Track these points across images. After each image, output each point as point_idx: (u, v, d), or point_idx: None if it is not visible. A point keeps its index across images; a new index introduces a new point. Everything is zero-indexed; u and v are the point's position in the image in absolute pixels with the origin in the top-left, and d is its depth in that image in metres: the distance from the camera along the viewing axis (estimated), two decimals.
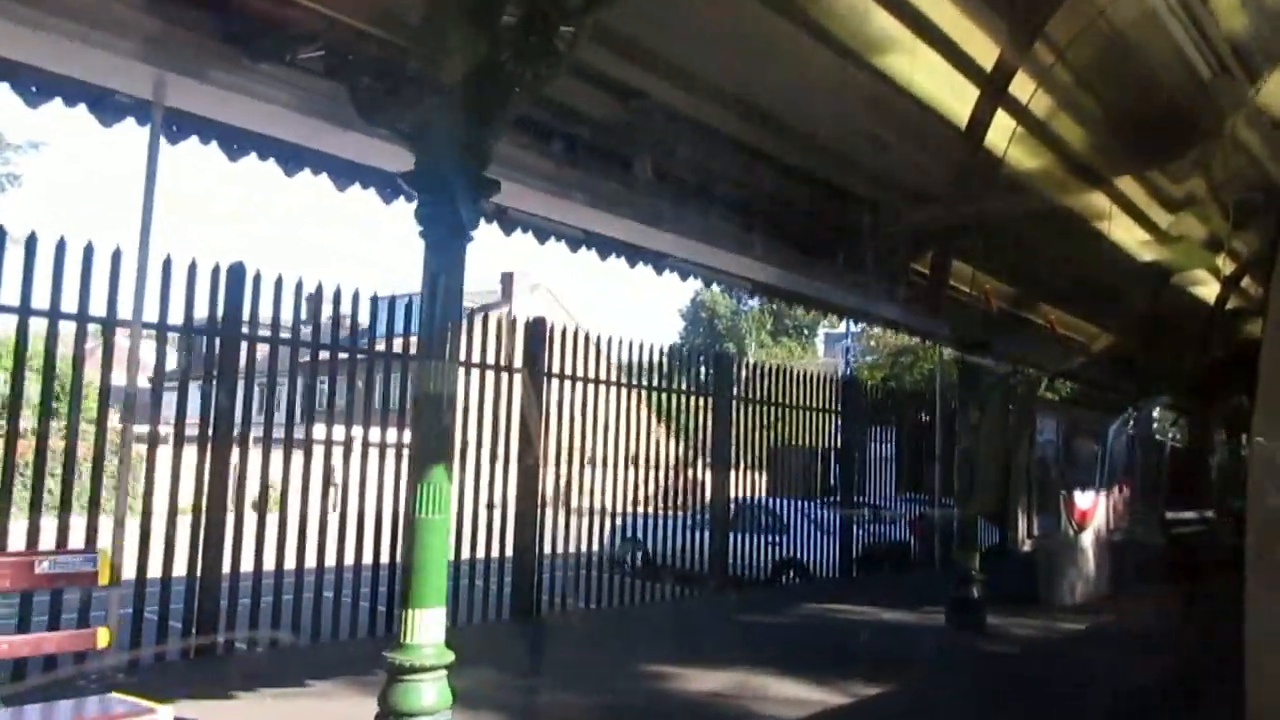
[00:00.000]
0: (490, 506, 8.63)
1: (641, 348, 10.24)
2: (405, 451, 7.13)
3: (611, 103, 6.84)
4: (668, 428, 11.50)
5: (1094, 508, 11.15)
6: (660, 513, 10.98)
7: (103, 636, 3.40)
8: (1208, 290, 12.76)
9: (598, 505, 9.82)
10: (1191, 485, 14.32)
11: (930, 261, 9.50)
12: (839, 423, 13.52)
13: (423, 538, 4.20)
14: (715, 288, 14.88)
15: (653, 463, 10.76)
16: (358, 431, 7.81)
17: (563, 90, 6.69)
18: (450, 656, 4.26)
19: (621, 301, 71.49)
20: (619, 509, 10.12)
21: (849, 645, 8.16)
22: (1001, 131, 8.25)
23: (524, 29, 4.10)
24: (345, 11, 4.73)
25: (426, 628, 4.19)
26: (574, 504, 9.72)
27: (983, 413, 13.75)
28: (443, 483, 4.24)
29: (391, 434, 7.80)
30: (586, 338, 9.76)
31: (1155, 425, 15.41)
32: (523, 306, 26.13)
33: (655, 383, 10.79)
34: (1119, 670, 7.15)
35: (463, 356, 8.61)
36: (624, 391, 10.19)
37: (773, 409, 12.37)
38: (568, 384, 9.48)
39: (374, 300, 8.13)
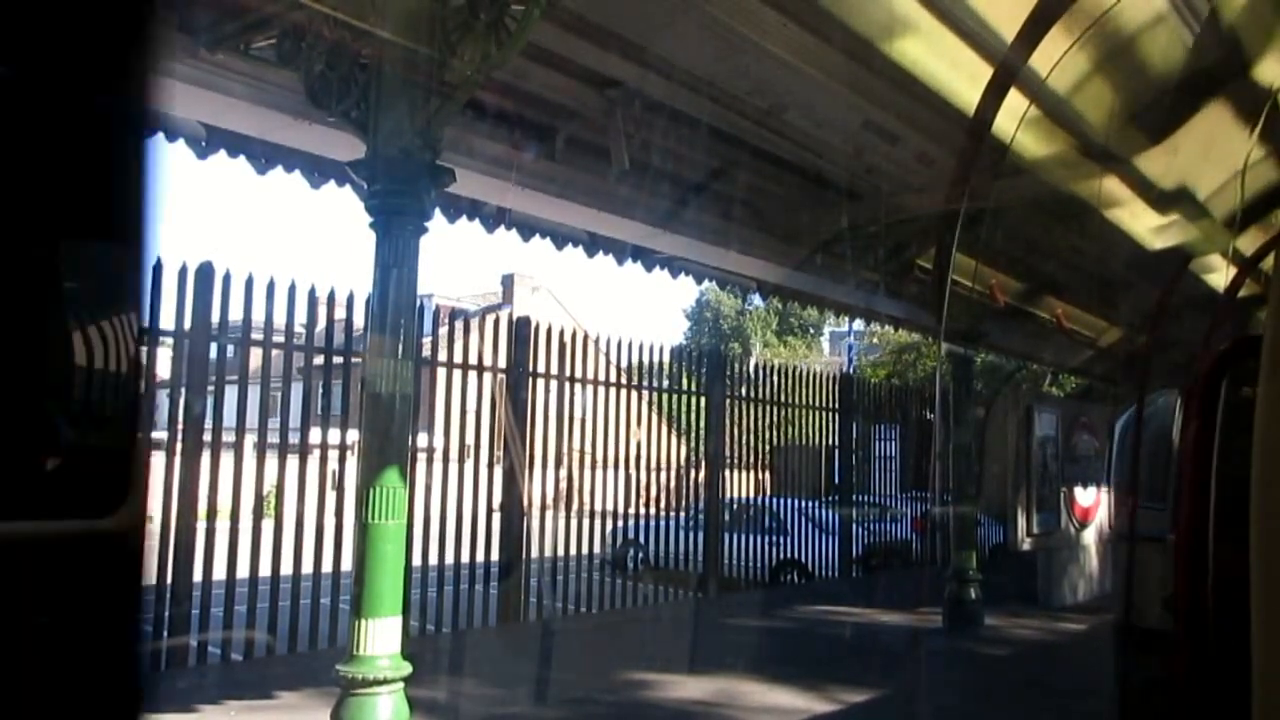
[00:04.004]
0: (476, 509, 8.42)
1: (634, 347, 10.02)
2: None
3: (601, 99, 6.64)
4: (662, 427, 11.28)
5: (1097, 504, 10.90)
6: (655, 514, 10.77)
7: None
8: (1218, 278, 12.43)
9: (590, 507, 9.61)
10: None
11: (934, 257, 9.25)
12: (839, 420, 13.30)
13: (375, 544, 4.02)
14: (715, 287, 14.68)
15: (646, 463, 10.55)
16: (335, 435, 7.63)
17: (557, 89, 6.51)
18: (407, 668, 4.08)
19: (625, 303, 71.10)
20: (612, 510, 9.90)
21: (840, 649, 7.97)
22: (1011, 115, 7.95)
23: (472, 8, 3.90)
24: None
25: (380, 638, 4.02)
26: (565, 505, 9.52)
27: (986, 409, 13.50)
28: (396, 486, 4.06)
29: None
30: (574, 336, 9.54)
31: (1164, 418, 15.12)
32: (524, 309, 25.94)
33: (648, 382, 10.58)
34: (1115, 671, 6.92)
35: (450, 359, 8.50)
36: (614, 391, 9.97)
37: (769, 407, 12.18)
38: (554, 384, 9.28)
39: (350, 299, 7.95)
